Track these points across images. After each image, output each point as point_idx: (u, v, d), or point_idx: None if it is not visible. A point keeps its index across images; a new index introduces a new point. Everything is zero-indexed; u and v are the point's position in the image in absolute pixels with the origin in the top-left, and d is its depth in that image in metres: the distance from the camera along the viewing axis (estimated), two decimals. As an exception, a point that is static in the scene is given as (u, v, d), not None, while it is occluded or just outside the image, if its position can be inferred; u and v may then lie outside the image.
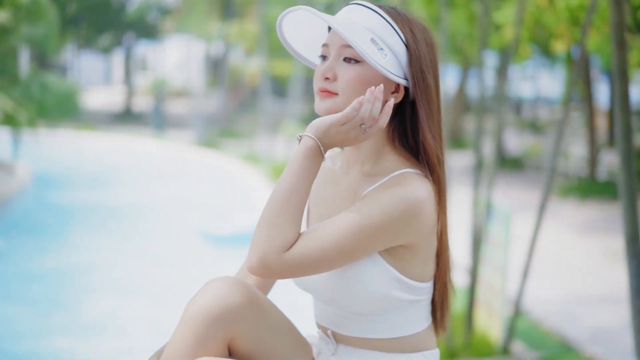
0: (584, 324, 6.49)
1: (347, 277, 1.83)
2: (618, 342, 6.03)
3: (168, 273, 8.97)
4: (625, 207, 3.76)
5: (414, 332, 1.90)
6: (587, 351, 5.79)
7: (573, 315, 6.70)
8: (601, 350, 5.81)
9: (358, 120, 1.79)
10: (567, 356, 5.68)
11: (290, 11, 1.89)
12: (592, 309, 6.94)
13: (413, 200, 1.79)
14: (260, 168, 15.70)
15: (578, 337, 6.11)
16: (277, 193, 1.79)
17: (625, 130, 3.73)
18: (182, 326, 1.81)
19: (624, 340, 6.01)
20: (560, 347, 5.84)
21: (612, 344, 6.01)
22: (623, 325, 6.43)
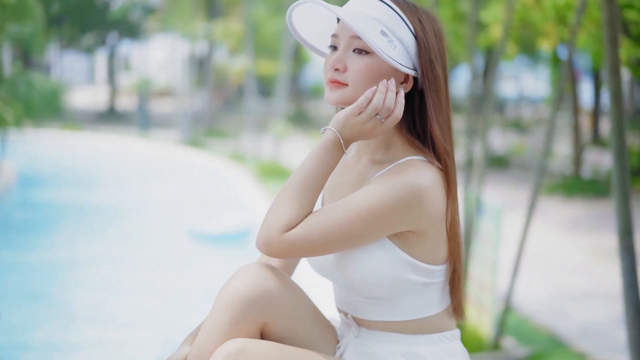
0: (574, 319, 6.55)
1: (359, 262, 1.87)
2: (607, 338, 6.09)
3: (156, 271, 8.97)
4: (618, 202, 3.81)
5: (432, 313, 1.94)
6: (577, 346, 5.85)
7: (562, 311, 6.76)
8: (591, 346, 5.87)
9: (372, 111, 1.83)
10: (557, 351, 5.73)
11: (300, 3, 1.91)
12: (581, 305, 7.01)
13: (416, 187, 1.82)
14: (247, 167, 15.70)
15: (568, 332, 6.17)
16: (291, 179, 1.86)
17: (618, 127, 3.78)
18: (216, 310, 1.85)
19: (614, 336, 6.08)
20: (550, 342, 5.89)
21: (601, 339, 6.07)
22: (612, 320, 6.50)
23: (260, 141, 16.57)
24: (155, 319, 7.35)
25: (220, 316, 1.83)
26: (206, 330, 1.84)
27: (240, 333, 1.82)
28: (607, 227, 10.56)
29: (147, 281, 8.55)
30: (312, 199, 1.85)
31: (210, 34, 20.28)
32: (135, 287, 8.34)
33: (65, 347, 6.46)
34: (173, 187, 14.95)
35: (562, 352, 5.71)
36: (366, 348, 1.94)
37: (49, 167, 16.69)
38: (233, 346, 1.78)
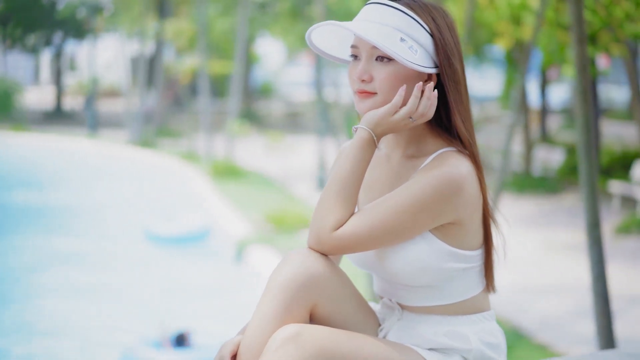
0: (533, 312, 6.70)
1: (402, 255, 1.95)
2: (566, 329, 6.25)
3: (112, 273, 8.90)
4: (586, 195, 3.93)
5: (471, 295, 2.03)
6: (538, 338, 5.99)
7: (522, 305, 6.90)
8: (550, 337, 6.01)
9: (407, 114, 1.93)
10: (519, 344, 5.86)
11: (318, 26, 2.00)
12: (539, 298, 7.17)
13: (455, 177, 1.92)
14: (201, 167, 15.65)
15: (528, 325, 6.31)
16: (333, 179, 1.95)
17: (586, 123, 3.90)
18: (268, 294, 1.91)
19: (572, 327, 6.24)
20: (512, 335, 6.02)
21: (560, 331, 6.22)
22: (570, 312, 6.66)
23: (213, 140, 16.52)
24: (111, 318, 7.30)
25: (272, 300, 1.89)
26: (259, 314, 1.90)
27: (292, 316, 1.89)
28: (558, 223, 10.79)
29: (102, 283, 8.48)
30: (355, 196, 1.94)
31: (158, 33, 20.16)
32: (90, 289, 8.27)
33: (18, 349, 6.40)
34: (127, 187, 14.83)
35: (523, 344, 5.84)
36: (410, 329, 2.02)
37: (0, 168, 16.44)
38: (289, 331, 1.84)
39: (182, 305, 7.87)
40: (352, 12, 16.44)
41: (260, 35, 25.51)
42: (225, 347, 1.94)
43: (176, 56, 25.37)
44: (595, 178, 3.92)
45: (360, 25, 1.94)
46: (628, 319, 6.15)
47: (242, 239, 9.40)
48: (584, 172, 3.91)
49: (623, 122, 24.46)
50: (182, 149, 19.12)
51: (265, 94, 35.64)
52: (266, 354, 1.83)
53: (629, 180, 12.49)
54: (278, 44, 32.54)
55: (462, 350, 1.98)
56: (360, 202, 2.07)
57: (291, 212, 10.42)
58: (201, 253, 9.83)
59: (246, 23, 15.80)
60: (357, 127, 1.96)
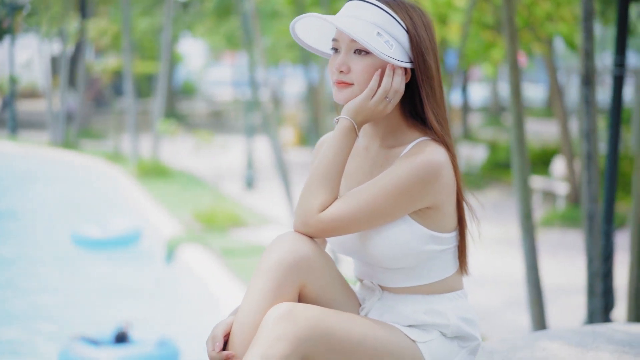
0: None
1: (383, 238, 2.08)
2: (495, 320, 6.44)
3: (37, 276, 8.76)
4: (519, 187, 4.10)
5: (447, 275, 2.17)
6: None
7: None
8: (485, 328, 6.18)
9: (383, 93, 2.07)
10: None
11: (301, 18, 2.14)
12: (471, 290, 7.35)
13: (434, 164, 2.06)
14: (127, 167, 15.49)
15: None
16: (317, 166, 2.08)
17: (518, 118, 4.07)
18: (260, 276, 2.02)
19: (501, 318, 6.43)
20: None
21: (490, 321, 6.40)
22: (499, 303, 6.86)
23: (138, 140, 16.37)
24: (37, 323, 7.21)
25: (264, 281, 2.00)
26: (251, 294, 2.01)
27: (282, 296, 2.00)
28: (484, 218, 11.05)
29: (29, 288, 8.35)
30: (338, 181, 2.07)
31: (80, 32, 19.86)
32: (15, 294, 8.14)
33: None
34: (52, 190, 14.57)
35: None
36: (390, 308, 2.15)
37: None
38: (282, 309, 1.95)
39: (114, 306, 7.81)
40: (277, 12, 16.51)
41: (182, 35, 25.34)
42: (218, 327, 2.04)
43: (95, 56, 25.02)
44: (527, 171, 4.09)
45: (341, 20, 2.07)
46: (553, 309, 6.37)
47: (173, 238, 9.37)
48: (517, 165, 4.08)
49: (540, 119, 25.15)
50: (105, 149, 18.88)
51: (187, 93, 35.42)
52: (262, 331, 1.94)
53: (549, 176, 12.88)
54: (199, 44, 32.39)
55: (440, 325, 2.12)
56: (341, 190, 2.18)
57: (221, 210, 10.42)
58: (131, 253, 9.75)
59: (170, 23, 15.71)
60: (339, 118, 2.10)
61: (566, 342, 2.30)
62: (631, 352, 2.24)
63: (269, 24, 16.89)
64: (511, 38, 3.98)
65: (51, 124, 20.37)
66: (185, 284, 8.40)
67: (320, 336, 1.96)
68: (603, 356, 2.24)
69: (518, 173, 4.12)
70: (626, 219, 10.17)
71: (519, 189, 4.12)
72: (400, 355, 2.05)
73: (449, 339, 2.12)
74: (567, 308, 6.64)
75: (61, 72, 20.72)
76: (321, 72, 16.18)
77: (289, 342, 1.91)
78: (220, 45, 22.92)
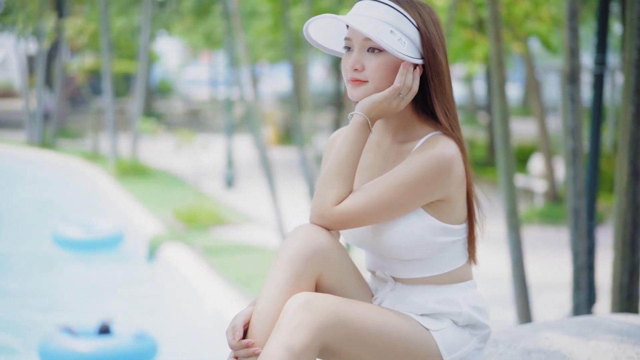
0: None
1: (397, 230, 2.14)
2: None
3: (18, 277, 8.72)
4: (505, 184, 4.16)
5: (458, 266, 2.24)
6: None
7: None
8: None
9: (396, 91, 2.14)
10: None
11: (316, 18, 2.20)
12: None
13: (446, 157, 2.13)
14: (106, 167, 15.44)
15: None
16: (333, 160, 2.15)
17: (503, 115, 4.13)
18: (278, 267, 2.07)
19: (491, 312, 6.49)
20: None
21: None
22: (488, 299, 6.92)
23: (116, 140, 16.32)
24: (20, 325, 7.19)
25: (283, 271, 2.06)
26: (270, 285, 2.07)
27: (301, 286, 2.06)
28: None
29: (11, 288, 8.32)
30: (352, 175, 2.14)
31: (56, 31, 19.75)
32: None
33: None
34: (31, 190, 14.48)
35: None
36: (402, 298, 2.22)
37: None
38: (302, 298, 2.02)
39: (96, 305, 7.81)
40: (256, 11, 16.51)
41: (159, 34, 25.27)
42: (237, 318, 2.10)
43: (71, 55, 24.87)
44: (512, 167, 4.15)
45: (355, 19, 2.13)
46: (536, 304, 6.45)
47: (154, 237, 9.37)
48: (502, 161, 4.14)
49: (516, 117, 25.34)
50: (83, 149, 18.79)
51: (164, 92, 35.32)
52: (282, 320, 2.00)
53: (527, 174, 12.99)
54: (176, 43, 32.31)
55: (452, 314, 2.18)
56: (355, 185, 2.24)
57: (202, 209, 10.43)
58: (112, 253, 9.73)
59: (149, 22, 15.68)
60: (353, 114, 2.16)
61: (566, 332, 2.37)
62: (629, 341, 2.32)
63: (247, 23, 16.89)
64: (496, 36, 4.04)
65: (28, 124, 20.25)
66: (168, 282, 8.40)
67: (339, 324, 2.02)
68: (603, 345, 2.31)
69: (503, 169, 4.19)
70: (604, 216, 10.30)
71: (504, 185, 4.18)
72: (415, 343, 2.12)
73: (461, 327, 2.18)
74: (550, 304, 6.72)
75: (37, 71, 20.60)
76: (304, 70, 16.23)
77: (309, 330, 1.98)
78: (198, 44, 22.88)
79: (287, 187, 12.59)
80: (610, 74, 15.97)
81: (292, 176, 14.16)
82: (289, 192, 12.09)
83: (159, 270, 8.85)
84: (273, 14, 13.85)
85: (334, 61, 21.54)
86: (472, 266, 2.28)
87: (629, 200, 3.39)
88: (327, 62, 25.74)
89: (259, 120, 8.97)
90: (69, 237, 9.61)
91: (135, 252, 9.57)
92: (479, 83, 27.98)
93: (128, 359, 5.64)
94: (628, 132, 3.34)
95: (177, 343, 6.63)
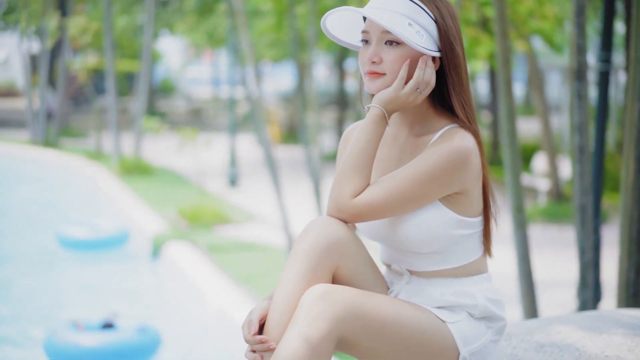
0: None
1: (414, 223, 2.15)
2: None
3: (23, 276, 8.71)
4: (511, 181, 4.16)
5: (474, 259, 2.24)
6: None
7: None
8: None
9: (415, 85, 2.14)
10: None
11: (334, 11, 2.20)
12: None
13: (463, 150, 2.13)
14: (110, 166, 15.45)
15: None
16: (350, 153, 2.15)
17: (509, 113, 4.13)
18: (295, 259, 2.08)
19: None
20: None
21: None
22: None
23: (120, 139, 16.33)
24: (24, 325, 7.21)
25: (300, 263, 2.07)
26: (287, 277, 2.07)
27: (317, 278, 2.07)
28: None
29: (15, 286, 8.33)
30: (369, 168, 2.14)
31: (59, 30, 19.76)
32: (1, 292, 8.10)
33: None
34: (35, 189, 14.48)
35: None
36: (419, 291, 2.22)
37: None
38: (319, 290, 2.02)
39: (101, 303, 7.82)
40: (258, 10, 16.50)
41: (161, 33, 25.29)
42: (253, 312, 2.10)
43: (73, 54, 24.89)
44: (518, 164, 4.16)
45: (373, 12, 2.14)
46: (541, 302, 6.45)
47: (158, 235, 9.38)
48: (509, 158, 4.14)
49: (519, 116, 25.32)
50: (86, 147, 18.80)
51: (167, 91, 35.33)
52: (300, 311, 2.01)
53: (530, 172, 12.99)
54: (178, 42, 32.32)
55: (468, 306, 2.18)
56: (372, 178, 2.24)
57: (205, 208, 10.44)
58: (116, 252, 9.74)
59: (152, 21, 15.69)
60: (370, 106, 2.16)
61: (578, 326, 2.38)
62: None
63: (249, 23, 16.90)
64: (502, 34, 4.04)
65: (31, 123, 20.28)
66: (172, 281, 8.41)
67: (356, 316, 2.03)
68: (615, 339, 2.32)
69: (510, 167, 4.19)
70: (608, 214, 10.30)
71: (510, 182, 4.19)
72: (432, 335, 2.12)
73: (477, 320, 2.18)
74: (553, 302, 6.73)
75: (40, 70, 20.61)
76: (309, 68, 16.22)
77: (327, 322, 1.98)
78: (201, 42, 22.88)
79: (291, 185, 12.59)
80: (614, 73, 15.97)
81: (295, 175, 14.17)
82: (292, 190, 12.10)
83: (163, 269, 8.86)
84: (275, 13, 13.85)
85: (336, 60, 21.54)
86: (488, 259, 2.28)
87: (635, 197, 3.39)
88: (330, 62, 25.73)
89: (263, 119, 8.96)
90: (74, 237, 9.59)
91: (139, 251, 9.58)
92: (482, 82, 27.95)
93: (132, 352, 5.67)
94: (634, 129, 3.34)
95: (181, 340, 6.64)
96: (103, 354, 5.64)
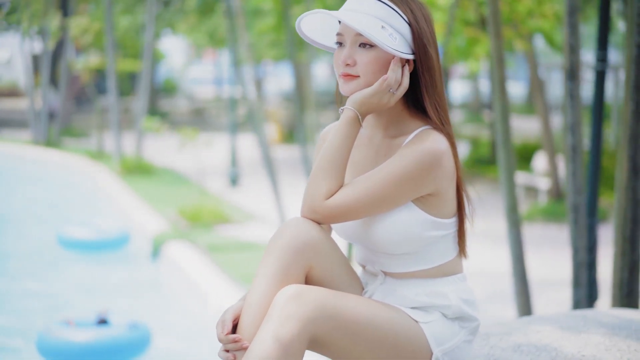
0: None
1: (387, 224, 2.16)
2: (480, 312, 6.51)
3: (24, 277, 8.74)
4: (505, 180, 4.18)
5: (448, 259, 2.25)
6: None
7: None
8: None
9: (388, 87, 2.15)
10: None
11: (308, 14, 2.21)
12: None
13: (436, 152, 2.14)
14: (111, 165, 15.47)
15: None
16: (324, 154, 2.16)
17: (503, 112, 4.15)
18: (268, 259, 2.11)
19: (486, 310, 6.51)
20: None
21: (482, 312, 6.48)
22: (483, 295, 6.95)
23: (121, 139, 16.35)
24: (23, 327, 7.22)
25: (272, 264, 2.10)
26: (260, 277, 2.10)
27: (290, 278, 2.09)
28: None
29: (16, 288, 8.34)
30: (343, 169, 2.15)
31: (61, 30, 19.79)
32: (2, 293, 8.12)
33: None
34: (35, 189, 14.51)
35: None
36: (392, 292, 2.24)
37: None
38: (292, 290, 2.04)
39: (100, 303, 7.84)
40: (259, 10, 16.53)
41: (163, 32, 25.32)
42: (227, 312, 2.12)
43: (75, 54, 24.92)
44: (512, 164, 4.17)
45: (347, 15, 2.15)
46: (537, 301, 6.47)
47: (158, 235, 9.40)
48: (503, 158, 4.15)
49: (521, 115, 25.33)
50: (88, 147, 18.82)
51: (168, 91, 35.37)
52: (272, 311, 2.03)
53: (531, 171, 13.00)
54: (180, 42, 32.34)
55: (442, 306, 2.20)
56: (346, 179, 2.26)
57: (206, 207, 10.45)
58: (117, 251, 9.76)
59: (153, 21, 15.72)
60: (343, 108, 2.17)
61: (558, 325, 2.39)
62: (620, 334, 2.33)
63: (250, 23, 16.92)
64: (496, 33, 4.05)
65: (33, 123, 20.31)
66: (172, 280, 8.43)
67: (328, 316, 2.04)
68: (595, 338, 2.33)
69: (504, 166, 4.20)
70: (607, 213, 10.30)
71: (504, 181, 4.20)
72: (405, 335, 2.13)
73: (450, 320, 2.20)
74: (551, 301, 6.74)
75: (42, 70, 20.64)
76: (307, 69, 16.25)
77: (298, 322, 2.00)
78: (202, 42, 22.91)
79: (291, 185, 12.61)
80: (615, 72, 15.96)
81: (296, 174, 14.18)
82: (292, 190, 12.11)
83: (163, 268, 8.88)
84: (276, 13, 13.87)
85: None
86: (463, 260, 2.30)
87: (629, 196, 3.41)
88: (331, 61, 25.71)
89: (261, 119, 8.99)
90: (75, 237, 9.59)
91: (140, 250, 9.60)
92: (483, 81, 27.97)
93: (122, 348, 5.69)
94: (628, 128, 3.36)
95: (180, 340, 6.66)
96: (94, 350, 5.66)
